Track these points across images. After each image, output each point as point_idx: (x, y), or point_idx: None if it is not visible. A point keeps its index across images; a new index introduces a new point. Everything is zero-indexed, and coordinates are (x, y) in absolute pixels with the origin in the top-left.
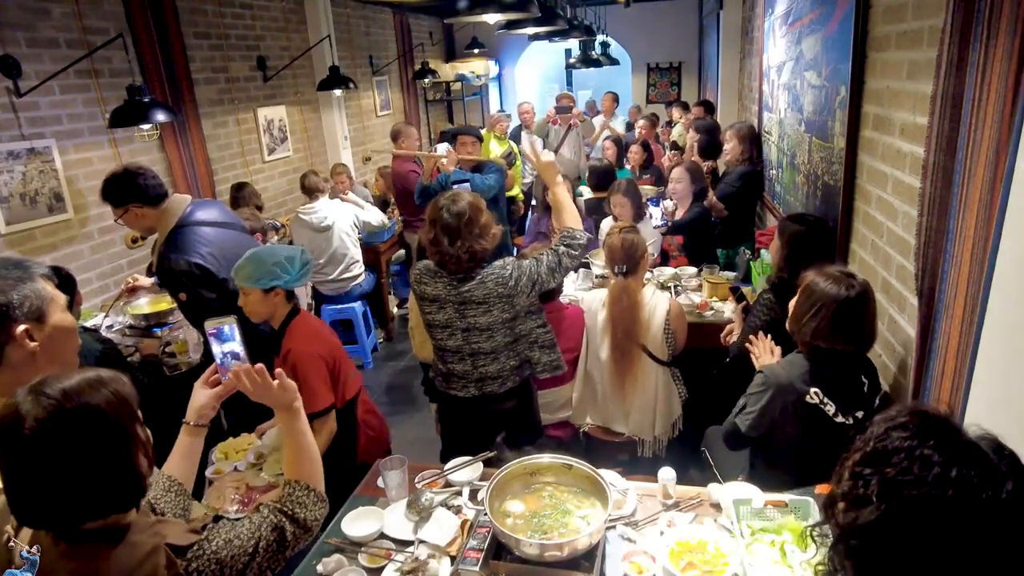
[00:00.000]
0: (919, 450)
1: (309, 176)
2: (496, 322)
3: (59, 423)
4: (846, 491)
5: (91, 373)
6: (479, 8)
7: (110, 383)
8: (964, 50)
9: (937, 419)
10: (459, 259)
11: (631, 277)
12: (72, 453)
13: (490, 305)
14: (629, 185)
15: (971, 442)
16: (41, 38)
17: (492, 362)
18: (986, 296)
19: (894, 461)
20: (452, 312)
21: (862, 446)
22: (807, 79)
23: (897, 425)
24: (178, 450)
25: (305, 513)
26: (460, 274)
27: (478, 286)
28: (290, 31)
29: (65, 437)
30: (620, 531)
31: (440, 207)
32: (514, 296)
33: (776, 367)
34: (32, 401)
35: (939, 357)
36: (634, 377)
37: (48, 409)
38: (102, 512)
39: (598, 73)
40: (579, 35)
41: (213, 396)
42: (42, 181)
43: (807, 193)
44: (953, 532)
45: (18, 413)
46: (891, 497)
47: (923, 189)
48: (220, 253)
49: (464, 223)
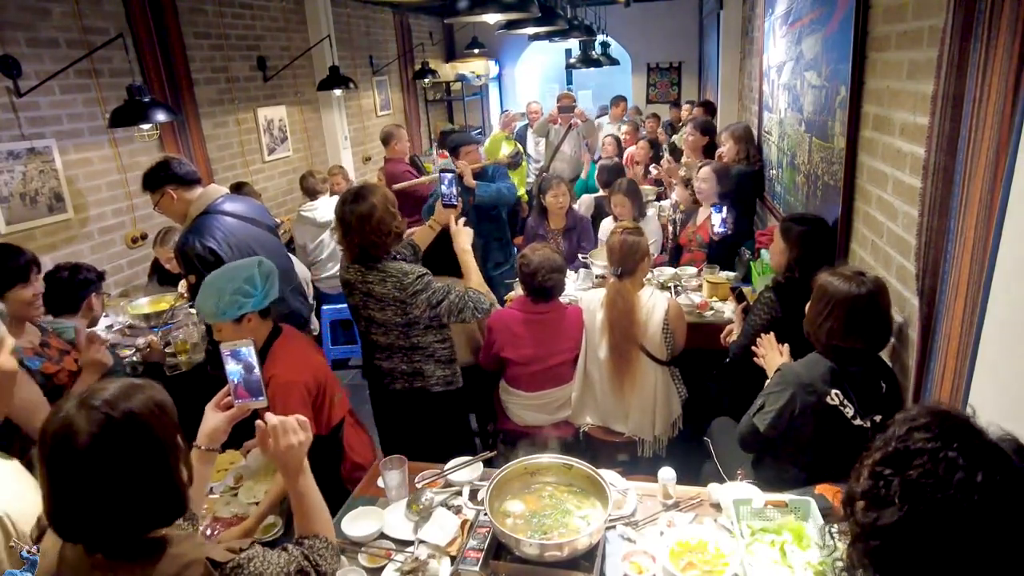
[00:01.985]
0: (943, 452)
1: (308, 178)
2: (390, 321)
3: (111, 436)
4: (866, 490)
5: (126, 381)
6: (479, 8)
7: (146, 389)
8: (965, 50)
9: (959, 420)
10: (351, 251)
11: (628, 279)
12: (124, 466)
13: (385, 304)
14: (630, 185)
15: (994, 444)
16: (41, 38)
17: (386, 359)
18: (986, 296)
19: (916, 463)
20: (359, 299)
21: (883, 446)
22: (807, 79)
23: (919, 426)
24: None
25: (326, 566)
26: (362, 264)
27: (379, 282)
28: (290, 31)
29: (118, 450)
30: (620, 531)
31: (342, 200)
32: (408, 305)
33: (796, 366)
34: (83, 415)
35: (939, 357)
36: (632, 377)
37: (100, 423)
38: (148, 525)
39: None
40: (579, 35)
41: (225, 420)
42: (42, 181)
43: (807, 193)
44: (978, 536)
45: (70, 426)
46: (914, 499)
47: (923, 189)
48: (236, 244)
49: (355, 219)
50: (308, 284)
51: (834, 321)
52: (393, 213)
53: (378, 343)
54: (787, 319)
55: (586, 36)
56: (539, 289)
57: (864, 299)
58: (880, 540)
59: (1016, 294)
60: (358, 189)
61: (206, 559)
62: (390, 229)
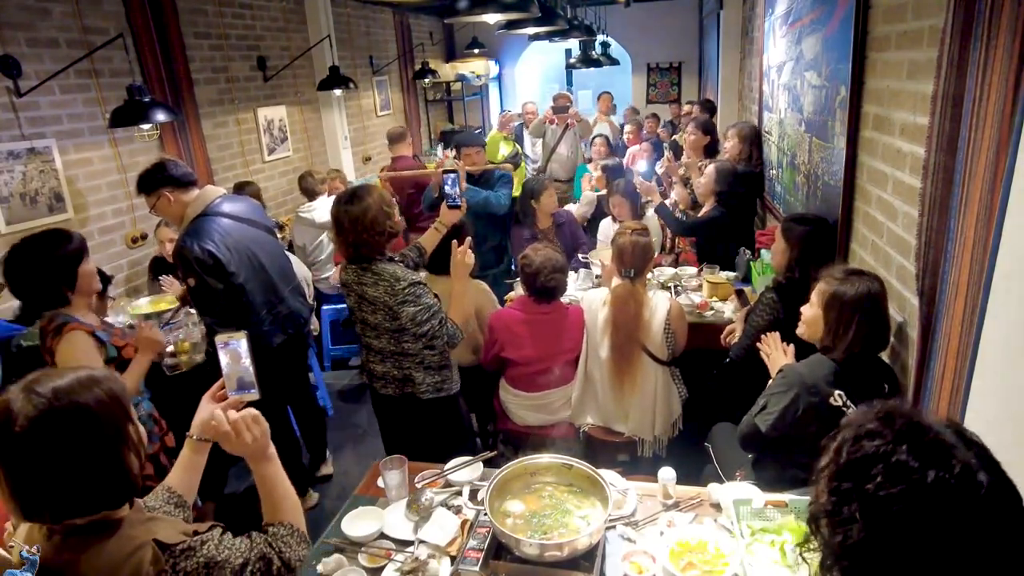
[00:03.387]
0: (894, 456)
1: (307, 178)
2: (381, 325)
3: (49, 422)
4: (829, 510)
5: (83, 372)
6: (479, 8)
7: (103, 382)
8: (964, 50)
9: (905, 419)
10: (346, 250)
11: (638, 280)
12: (62, 451)
13: (376, 307)
14: (628, 185)
15: (940, 440)
16: (41, 38)
17: (379, 362)
18: (986, 296)
19: (872, 473)
20: (354, 300)
21: (835, 457)
22: (807, 79)
23: (867, 433)
24: (180, 463)
25: (290, 553)
26: (357, 265)
27: (372, 285)
28: (290, 31)
29: (55, 435)
30: (620, 531)
31: (337, 200)
32: (396, 312)
33: (799, 367)
34: (24, 399)
35: (939, 357)
36: (633, 377)
37: (40, 408)
38: (92, 508)
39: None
40: (579, 35)
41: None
42: (42, 181)
43: (807, 193)
44: (940, 535)
45: (9, 411)
46: (875, 515)
47: (923, 189)
48: (234, 246)
49: (349, 220)
50: (308, 284)
51: (862, 327)
52: (388, 213)
53: (371, 346)
54: (789, 319)
55: (586, 36)
56: (542, 289)
57: (882, 293)
58: (850, 560)
59: (1016, 294)
60: (354, 190)
61: (152, 541)
62: (384, 229)
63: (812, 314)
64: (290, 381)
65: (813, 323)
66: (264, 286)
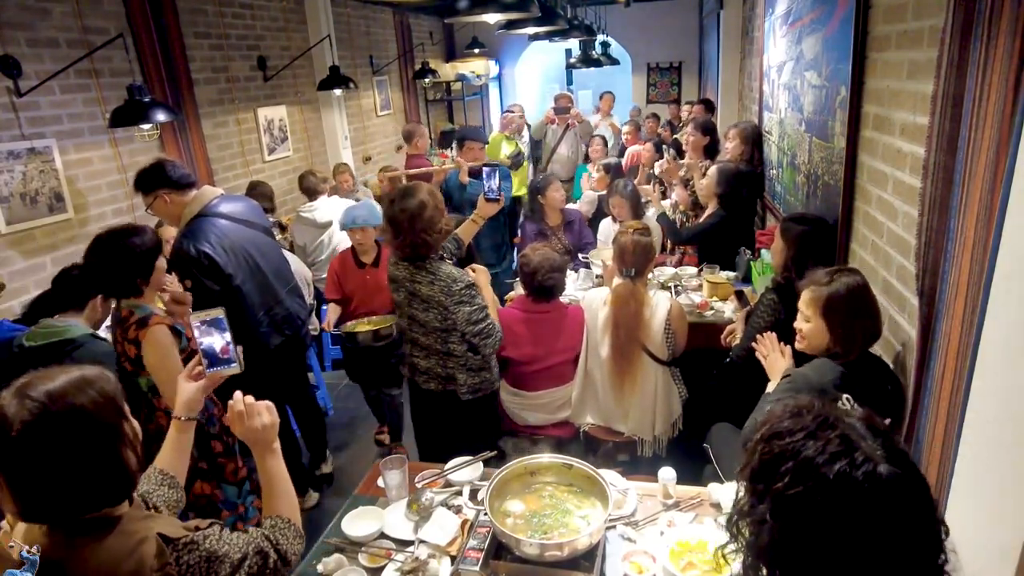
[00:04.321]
0: (801, 454)
1: (307, 177)
2: (430, 323)
3: (44, 425)
4: (745, 511)
5: (76, 373)
6: (479, 8)
7: (96, 382)
8: (965, 50)
9: (814, 415)
10: (403, 250)
11: (639, 279)
12: (59, 453)
13: (430, 305)
14: (628, 186)
15: (846, 435)
16: (41, 38)
17: (424, 358)
18: (986, 296)
19: (782, 472)
20: (404, 297)
21: (750, 458)
22: (807, 79)
23: (777, 432)
24: (168, 444)
25: (287, 546)
26: (411, 263)
27: (427, 283)
28: (290, 31)
29: (51, 439)
30: (620, 531)
31: (390, 200)
32: (450, 311)
33: (806, 371)
34: (17, 404)
35: (939, 357)
36: (633, 376)
37: (34, 412)
38: (93, 506)
39: (598, 73)
40: (579, 35)
41: (198, 389)
42: (42, 181)
43: (807, 193)
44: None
45: (4, 416)
46: (784, 513)
47: (923, 189)
48: (231, 247)
49: (407, 219)
50: (308, 284)
51: (871, 321)
52: (441, 210)
53: (417, 341)
54: (790, 320)
55: (586, 36)
56: (539, 288)
57: (866, 283)
58: (767, 559)
59: (1016, 294)
60: (405, 188)
61: (157, 534)
62: (440, 227)
63: (813, 327)
64: (288, 382)
65: (816, 334)
66: (261, 287)
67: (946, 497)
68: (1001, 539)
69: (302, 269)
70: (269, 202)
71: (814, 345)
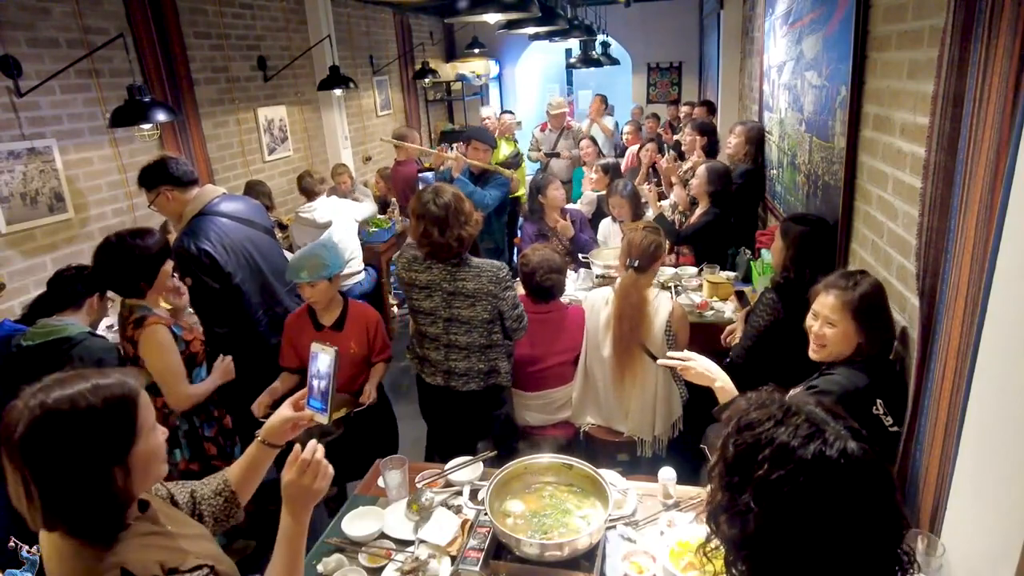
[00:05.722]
0: (776, 440)
1: (305, 178)
2: (477, 318)
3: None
4: (725, 505)
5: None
6: (479, 8)
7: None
8: (965, 50)
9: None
10: (449, 247)
11: (642, 274)
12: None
13: (477, 299)
14: (627, 187)
15: (811, 418)
16: (41, 38)
17: (463, 359)
18: (986, 296)
19: (760, 460)
20: (440, 300)
21: (722, 453)
22: (807, 79)
23: (746, 424)
24: (244, 460)
25: None
26: (453, 260)
27: (473, 278)
28: (290, 31)
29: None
30: (620, 531)
31: (425, 201)
32: (499, 299)
33: (836, 378)
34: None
35: (939, 357)
36: (634, 374)
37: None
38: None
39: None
40: (579, 35)
41: (287, 419)
42: (42, 181)
43: (807, 193)
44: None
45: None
46: (768, 499)
47: (924, 189)
48: (231, 245)
49: (451, 213)
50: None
51: (891, 315)
52: (470, 204)
53: (456, 343)
54: (789, 319)
55: (586, 36)
56: (538, 289)
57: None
58: (750, 550)
59: (1016, 294)
60: (435, 187)
61: (120, 569)
62: (475, 219)
63: (839, 331)
64: None
65: (844, 339)
66: (261, 287)
67: (946, 497)
68: (1001, 539)
69: None
70: (268, 201)
71: (837, 352)
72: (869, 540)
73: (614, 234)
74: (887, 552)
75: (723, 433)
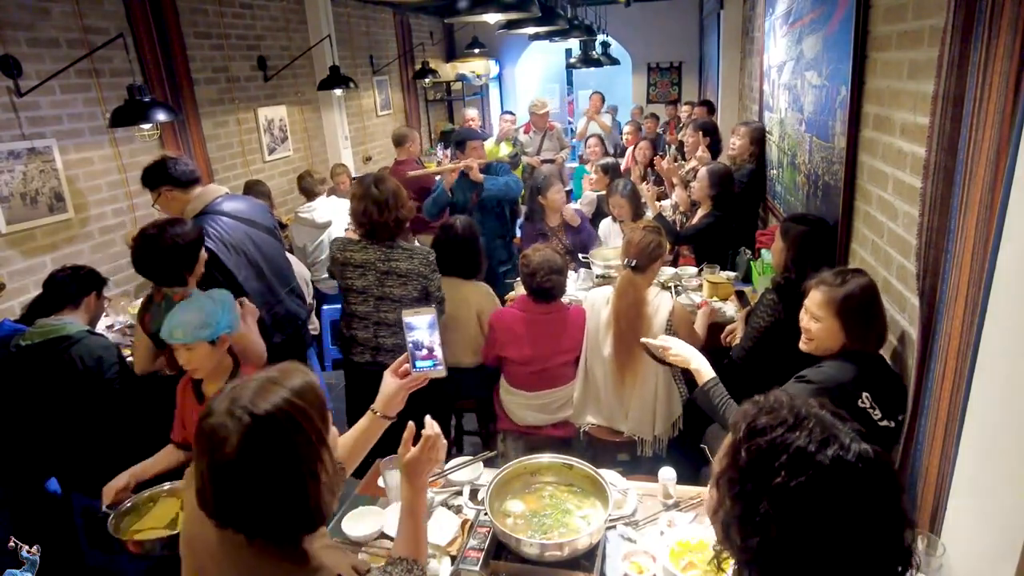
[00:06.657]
0: (792, 446)
1: (305, 178)
2: (407, 296)
3: (260, 438)
4: (740, 515)
5: (284, 386)
6: (479, 8)
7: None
8: (965, 50)
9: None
10: (387, 226)
11: (640, 274)
12: (274, 467)
13: (409, 279)
14: (627, 187)
15: (822, 421)
16: (41, 38)
17: (391, 336)
18: (986, 296)
19: (776, 467)
20: (373, 279)
21: (732, 460)
22: (807, 79)
23: (758, 429)
24: (355, 429)
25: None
26: (388, 242)
27: (406, 259)
28: (290, 31)
29: (261, 455)
30: (620, 531)
31: (367, 185)
32: (428, 279)
33: (826, 369)
34: (232, 419)
35: (939, 357)
36: (634, 372)
37: (245, 425)
38: (293, 529)
39: (598, 73)
40: (579, 35)
41: (400, 387)
42: (42, 181)
43: (807, 193)
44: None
45: (218, 432)
46: (789, 508)
47: (924, 189)
48: (233, 244)
49: (392, 196)
50: (308, 285)
51: (880, 315)
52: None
53: (385, 320)
54: (790, 319)
55: (586, 36)
56: (538, 290)
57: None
58: (765, 558)
59: (1016, 294)
60: (376, 174)
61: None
62: (408, 204)
63: (824, 327)
64: None
65: (828, 335)
66: (262, 286)
67: (946, 497)
68: (1001, 539)
69: (302, 270)
70: (267, 201)
71: (823, 347)
72: (881, 538)
73: (614, 234)
74: (896, 548)
75: (730, 439)
